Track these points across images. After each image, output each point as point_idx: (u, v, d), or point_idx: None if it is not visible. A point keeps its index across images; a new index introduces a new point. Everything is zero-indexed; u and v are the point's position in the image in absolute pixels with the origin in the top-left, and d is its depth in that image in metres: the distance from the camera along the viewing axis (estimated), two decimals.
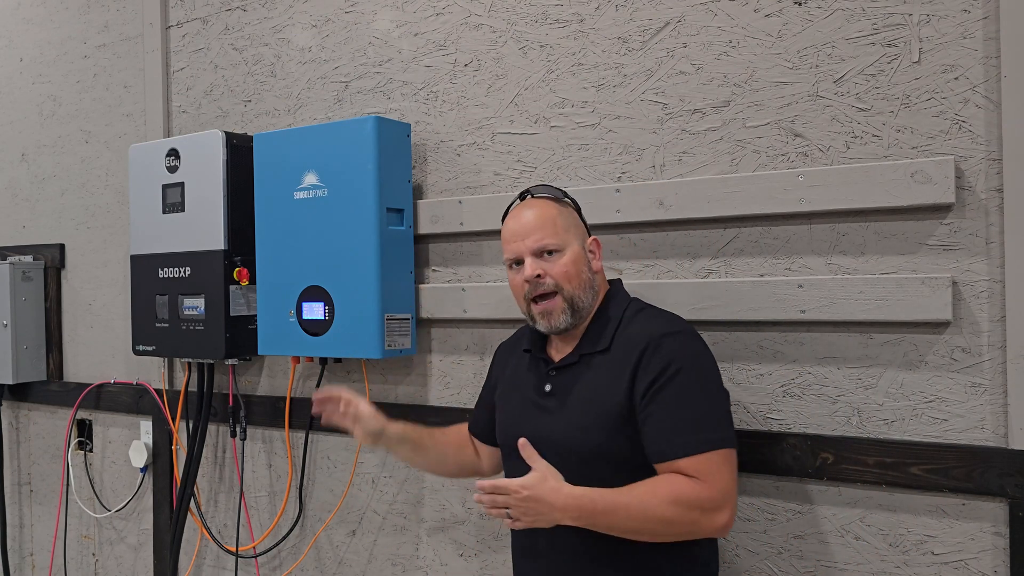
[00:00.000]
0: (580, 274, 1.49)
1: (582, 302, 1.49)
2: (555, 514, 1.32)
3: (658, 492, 1.34)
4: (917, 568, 1.55)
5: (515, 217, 1.55)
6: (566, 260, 1.48)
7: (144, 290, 2.39)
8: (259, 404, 2.39)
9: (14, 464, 3.08)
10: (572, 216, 1.55)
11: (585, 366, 1.49)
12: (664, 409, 1.38)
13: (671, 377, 1.39)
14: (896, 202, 1.53)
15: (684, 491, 1.34)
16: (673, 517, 1.33)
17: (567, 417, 1.47)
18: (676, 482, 1.35)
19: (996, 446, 1.49)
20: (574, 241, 1.51)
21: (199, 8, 2.55)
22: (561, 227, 1.50)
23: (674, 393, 1.38)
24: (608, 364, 1.46)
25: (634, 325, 1.49)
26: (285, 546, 2.36)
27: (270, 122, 2.40)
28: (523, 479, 1.32)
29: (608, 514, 1.33)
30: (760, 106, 1.68)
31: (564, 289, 1.48)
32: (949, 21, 1.51)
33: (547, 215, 1.51)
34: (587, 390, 1.47)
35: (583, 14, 1.88)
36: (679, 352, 1.41)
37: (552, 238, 1.49)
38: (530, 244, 1.49)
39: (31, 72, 3.01)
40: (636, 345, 1.44)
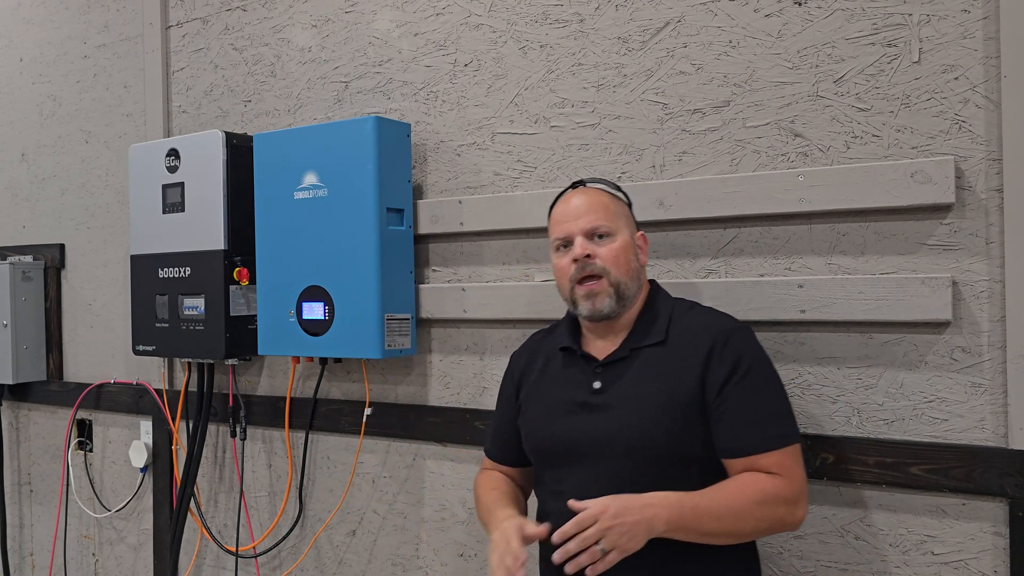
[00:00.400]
0: (629, 262, 1.47)
1: (627, 289, 1.46)
2: (653, 523, 1.26)
3: (745, 492, 1.32)
4: (917, 568, 1.55)
5: (566, 200, 1.52)
6: (616, 245, 1.46)
7: (144, 290, 2.39)
8: (259, 404, 2.39)
9: (14, 464, 3.08)
10: (623, 208, 1.54)
11: (637, 360, 1.44)
12: (741, 405, 1.36)
13: (745, 373, 1.38)
14: (896, 202, 1.53)
15: (769, 489, 1.33)
16: (761, 516, 1.32)
17: (629, 413, 1.40)
18: (760, 480, 1.34)
19: (996, 446, 1.49)
20: (624, 229, 1.49)
21: (199, 8, 2.55)
22: (613, 213, 1.49)
23: (750, 389, 1.37)
24: (667, 357, 1.42)
25: (689, 319, 1.47)
26: (285, 546, 2.36)
27: (270, 122, 2.40)
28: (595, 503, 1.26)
29: (699, 517, 1.29)
30: (760, 106, 1.68)
31: (611, 273, 1.44)
32: (949, 21, 1.51)
33: (600, 201, 1.49)
34: (648, 384, 1.41)
35: (583, 14, 1.88)
36: (748, 348, 1.41)
37: (605, 221, 1.47)
38: (582, 224, 1.46)
39: (31, 72, 3.01)
40: (701, 338, 1.41)
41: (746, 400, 1.37)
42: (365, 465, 2.22)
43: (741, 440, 1.36)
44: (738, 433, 1.36)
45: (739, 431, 1.36)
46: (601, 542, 1.24)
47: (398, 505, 2.17)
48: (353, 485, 2.24)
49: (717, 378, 1.38)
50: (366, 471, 2.22)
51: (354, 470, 2.23)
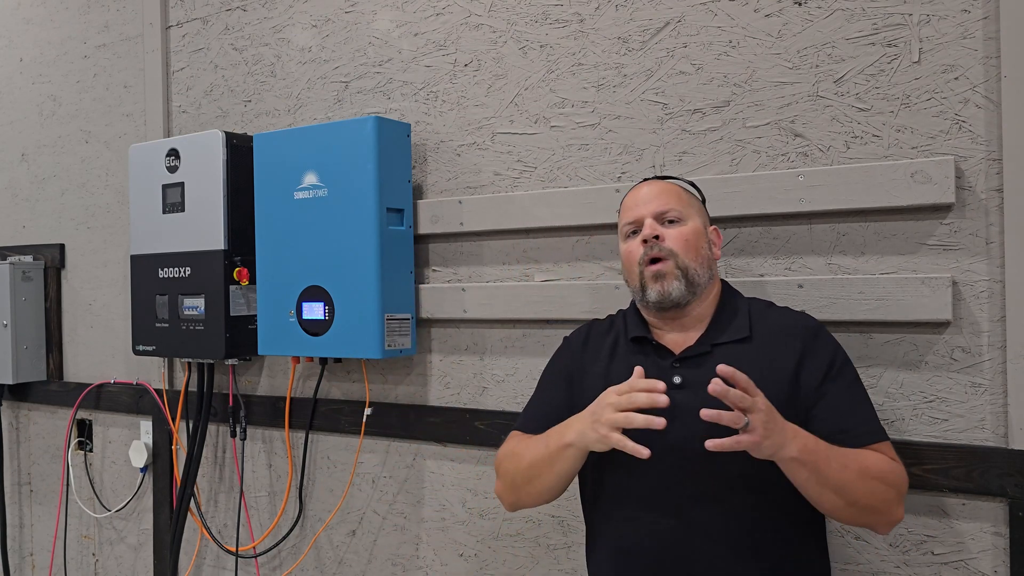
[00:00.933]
0: (699, 248, 1.42)
1: (697, 276, 1.40)
2: (789, 441, 1.20)
3: (867, 461, 1.28)
4: (917, 568, 1.55)
5: (637, 189, 1.50)
6: (687, 229, 1.42)
7: (144, 290, 2.39)
8: (259, 404, 2.40)
9: (14, 464, 3.08)
10: (695, 200, 1.51)
11: (719, 356, 1.37)
12: (846, 398, 1.34)
13: (841, 367, 1.36)
14: (896, 202, 1.53)
15: (889, 466, 1.30)
16: (876, 488, 1.27)
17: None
18: (883, 458, 1.31)
19: (996, 446, 1.49)
20: (696, 217, 1.45)
21: (199, 8, 2.55)
22: (686, 201, 1.46)
23: (849, 383, 1.36)
24: (754, 355, 1.37)
25: (772, 317, 1.43)
26: (285, 546, 2.36)
27: (270, 122, 2.40)
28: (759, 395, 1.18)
29: (828, 460, 1.23)
30: (760, 106, 1.68)
31: (679, 256, 1.39)
32: (949, 21, 1.51)
33: (671, 188, 1.47)
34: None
35: (583, 14, 1.88)
36: (837, 345, 1.40)
37: (676, 205, 1.43)
38: (653, 207, 1.43)
39: (31, 72, 3.01)
40: (790, 336, 1.38)
41: (850, 393, 1.35)
42: (365, 465, 2.22)
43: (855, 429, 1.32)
44: (849, 422, 1.32)
45: (848, 423, 1.32)
46: (750, 417, 1.17)
47: (398, 505, 2.17)
48: (353, 485, 2.24)
49: (814, 376, 1.34)
50: (366, 471, 2.22)
51: (354, 470, 2.23)
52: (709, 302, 1.45)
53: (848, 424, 1.32)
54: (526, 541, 1.97)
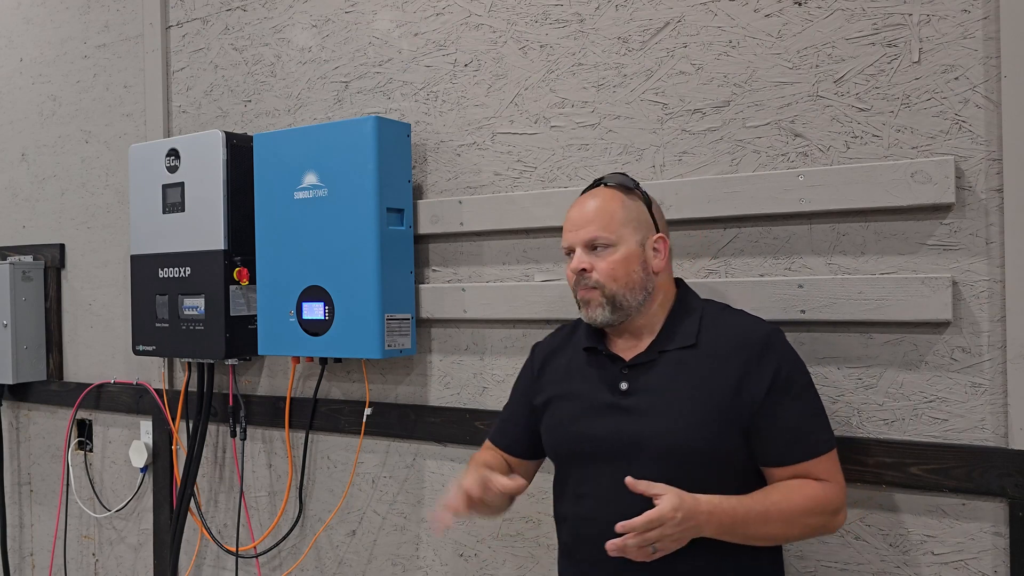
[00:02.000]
0: (628, 274, 1.43)
1: (625, 300, 1.43)
2: (703, 528, 1.27)
3: (795, 498, 1.34)
4: (917, 568, 1.55)
5: (577, 205, 1.50)
6: (616, 258, 1.43)
7: (144, 290, 2.39)
8: (259, 404, 2.39)
9: (14, 464, 3.08)
10: (637, 211, 1.47)
11: (666, 363, 1.42)
12: (785, 415, 1.36)
13: (785, 381, 1.38)
14: (896, 202, 1.53)
15: (819, 496, 1.35)
16: (808, 522, 1.35)
17: (662, 416, 1.38)
18: (810, 487, 1.35)
19: (996, 446, 1.49)
20: (631, 238, 1.44)
21: (199, 8, 2.55)
22: (619, 221, 1.44)
23: (795, 396, 1.38)
24: (699, 360, 1.41)
25: (722, 323, 1.45)
26: (285, 546, 2.36)
27: (270, 122, 2.40)
28: (669, 500, 1.24)
29: (747, 521, 1.30)
30: (760, 106, 1.68)
31: (605, 287, 1.43)
32: (949, 21, 1.51)
33: (608, 208, 1.45)
34: (679, 387, 1.39)
35: (583, 14, 1.88)
36: (787, 353, 1.41)
37: (604, 232, 1.44)
38: (582, 236, 1.45)
39: (31, 72, 3.01)
40: (737, 345, 1.40)
41: (790, 409, 1.37)
42: (365, 465, 2.22)
43: (788, 449, 1.37)
44: (783, 442, 1.37)
45: (784, 440, 1.37)
46: (656, 543, 1.25)
47: (398, 505, 2.17)
48: (353, 485, 2.24)
49: (758, 389, 1.37)
50: (366, 471, 2.22)
51: (354, 470, 2.23)
52: (656, 310, 1.48)
53: (788, 448, 1.37)
54: (526, 541, 1.97)
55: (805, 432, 1.37)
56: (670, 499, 1.24)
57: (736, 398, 1.37)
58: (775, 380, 1.37)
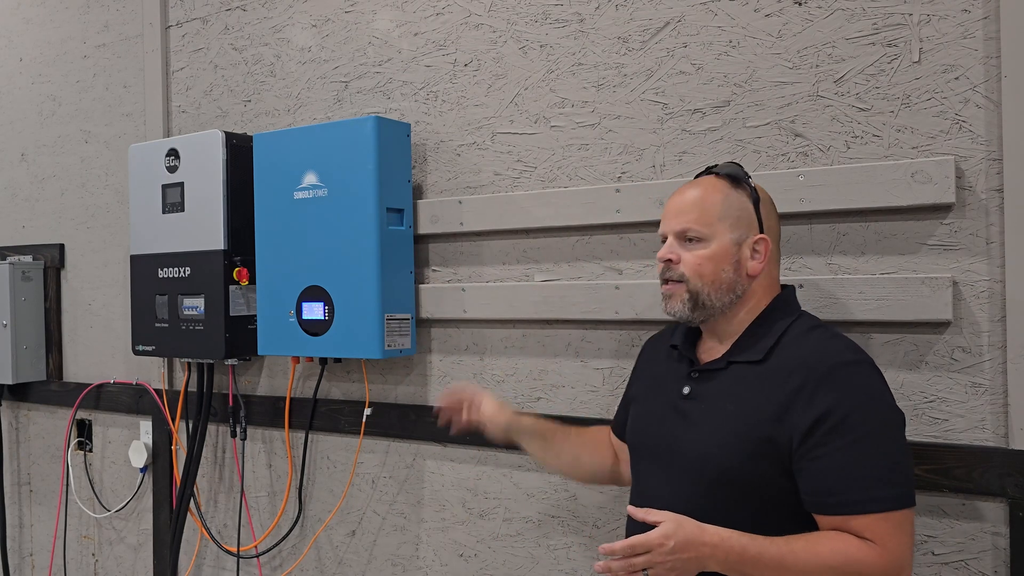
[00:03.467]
0: (716, 272, 1.35)
1: (709, 300, 1.35)
2: (706, 562, 1.18)
3: (820, 551, 1.19)
4: (917, 568, 1.55)
5: (680, 191, 1.42)
6: (705, 252, 1.35)
7: (144, 290, 2.39)
8: (259, 404, 2.39)
9: (14, 464, 3.08)
10: (739, 206, 1.37)
11: (733, 375, 1.34)
12: (837, 454, 1.20)
13: (845, 417, 1.21)
14: (896, 202, 1.53)
15: (853, 555, 1.18)
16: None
17: (704, 428, 1.33)
18: (845, 542, 1.19)
19: (996, 446, 1.49)
20: (726, 234, 1.35)
21: (199, 8, 2.55)
22: (716, 215, 1.35)
23: (851, 437, 1.21)
24: (760, 378, 1.30)
25: (802, 342, 1.32)
26: (285, 546, 2.36)
27: (270, 122, 2.40)
28: (661, 529, 1.17)
29: (759, 564, 1.18)
30: (760, 106, 1.68)
31: (690, 281, 1.36)
32: (949, 21, 1.51)
33: (708, 199, 1.37)
34: (731, 402, 1.32)
35: (583, 14, 1.88)
36: (858, 387, 1.24)
37: (698, 225, 1.36)
38: (674, 225, 1.39)
39: (31, 72, 3.01)
40: (800, 366, 1.27)
41: (846, 450, 1.21)
42: (365, 465, 2.22)
43: (832, 495, 1.21)
44: (824, 487, 1.22)
45: (829, 484, 1.21)
46: (648, 570, 1.18)
47: (398, 505, 2.17)
48: (353, 485, 2.24)
49: (801, 421, 1.23)
50: (366, 471, 2.22)
51: (354, 470, 2.23)
52: (743, 316, 1.39)
53: (826, 494, 1.22)
54: (526, 541, 1.97)
55: (860, 482, 1.20)
56: (665, 526, 1.18)
57: (776, 425, 1.25)
58: (826, 415, 1.21)
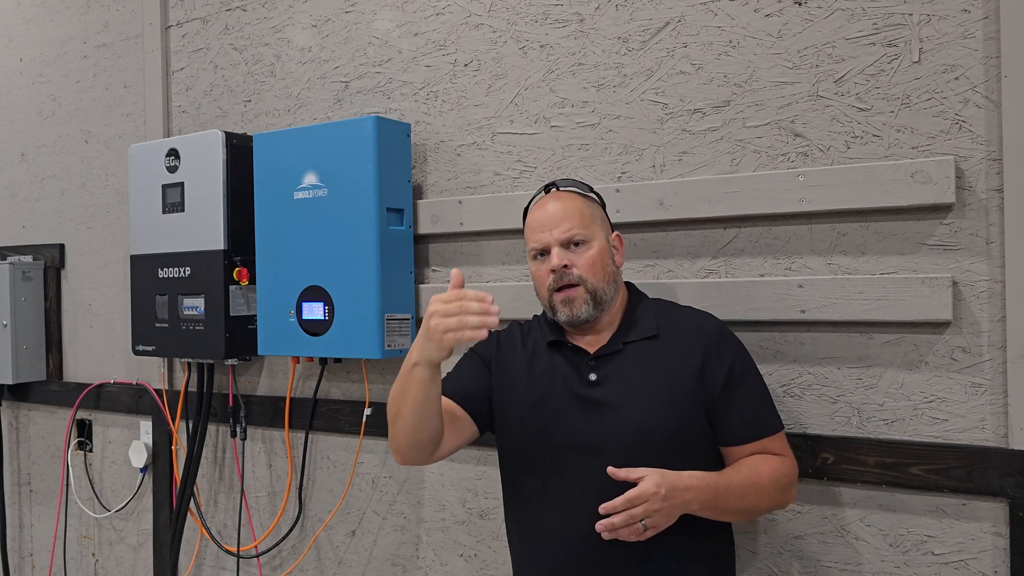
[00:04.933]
0: (605, 267, 1.49)
1: (604, 295, 1.48)
2: (690, 504, 1.33)
3: (762, 470, 1.43)
4: (917, 568, 1.55)
5: (541, 207, 1.53)
6: (592, 252, 1.48)
7: (144, 290, 2.39)
8: (259, 404, 2.39)
9: (14, 464, 3.08)
10: (598, 210, 1.55)
11: (630, 353, 1.48)
12: (746, 396, 1.46)
13: (744, 367, 1.47)
14: (896, 202, 1.53)
15: (782, 468, 1.45)
16: (774, 493, 1.44)
17: (638, 405, 1.43)
18: (771, 462, 1.45)
19: (996, 446, 1.49)
20: (600, 234, 1.51)
21: (199, 8, 2.55)
22: (588, 218, 1.50)
23: (751, 381, 1.47)
24: (662, 351, 1.48)
25: (677, 316, 1.53)
26: (285, 546, 2.36)
27: (270, 122, 2.40)
28: (651, 479, 1.29)
29: (727, 494, 1.38)
30: (760, 106, 1.68)
31: (588, 281, 1.47)
32: (949, 21, 1.51)
33: (574, 206, 1.50)
34: (651, 376, 1.45)
35: (583, 14, 1.88)
36: (738, 344, 1.50)
37: (580, 229, 1.48)
38: (557, 235, 1.48)
39: (31, 72, 3.01)
40: (695, 333, 1.48)
41: (747, 394, 1.46)
42: (365, 465, 2.22)
43: (748, 428, 1.46)
44: (744, 422, 1.46)
45: (745, 421, 1.46)
46: (645, 520, 1.28)
47: (398, 505, 2.17)
48: (353, 485, 2.24)
49: (718, 376, 1.45)
50: (366, 471, 2.22)
51: (354, 470, 2.23)
52: (616, 307, 1.54)
53: (750, 426, 1.46)
54: None
55: (761, 414, 1.47)
56: (652, 477, 1.29)
57: (699, 383, 1.45)
58: (732, 367, 1.46)
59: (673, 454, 1.40)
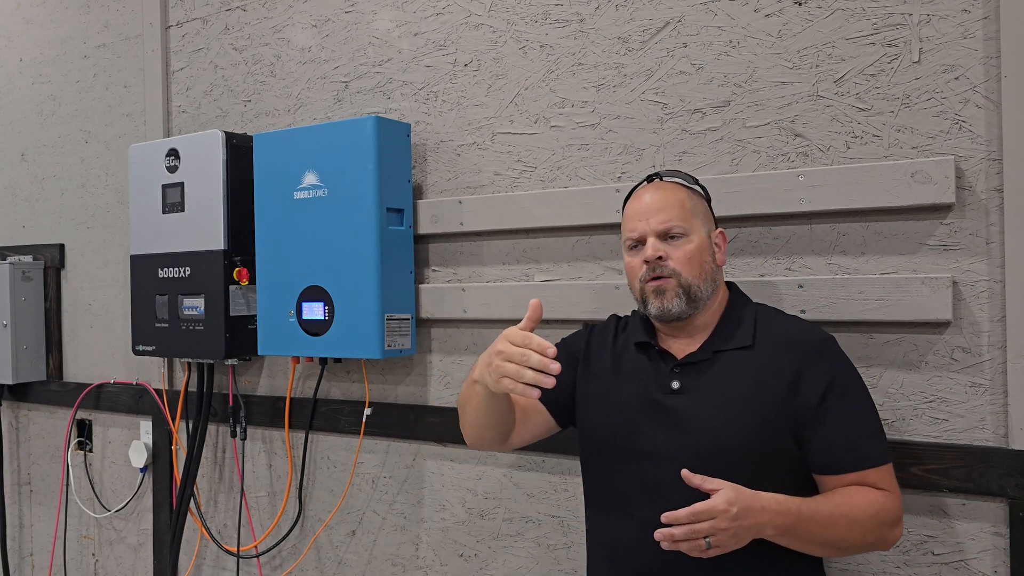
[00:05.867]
0: (703, 264, 1.41)
1: (699, 291, 1.40)
2: (764, 528, 1.22)
3: (857, 502, 1.29)
4: (917, 568, 1.55)
5: (640, 197, 1.45)
6: (690, 247, 1.40)
7: (144, 290, 2.39)
8: (259, 404, 2.39)
9: (14, 464, 3.08)
10: (701, 203, 1.47)
11: (720, 363, 1.39)
12: (845, 420, 1.33)
13: (846, 385, 1.34)
14: (896, 202, 1.53)
15: (880, 502, 1.30)
16: (870, 530, 1.30)
17: (715, 415, 1.35)
18: (870, 493, 1.31)
19: (996, 446, 1.49)
20: (701, 228, 1.42)
21: (199, 8, 2.55)
22: (689, 211, 1.42)
23: (853, 402, 1.34)
24: (755, 362, 1.37)
25: (777, 325, 1.42)
26: (285, 546, 2.36)
27: (270, 122, 2.40)
28: (723, 495, 1.19)
29: (811, 523, 1.25)
30: (760, 106, 1.68)
31: (682, 276, 1.39)
32: (949, 21, 1.51)
33: (676, 197, 1.43)
34: (735, 387, 1.36)
35: (583, 14, 1.88)
36: (843, 360, 1.38)
37: (679, 221, 1.40)
38: (654, 224, 1.40)
39: (31, 72, 3.01)
40: (792, 347, 1.37)
41: (847, 416, 1.33)
42: (365, 465, 2.22)
43: (844, 456, 1.33)
44: (840, 449, 1.33)
45: (841, 447, 1.33)
46: (709, 537, 1.19)
47: (398, 505, 2.17)
48: (353, 485, 2.24)
49: (813, 392, 1.33)
50: (366, 471, 2.22)
51: (354, 470, 2.23)
52: (714, 309, 1.45)
53: (843, 452, 1.33)
54: (526, 541, 1.97)
55: (862, 440, 1.33)
56: (725, 493, 1.19)
57: (789, 400, 1.33)
58: (831, 385, 1.33)
59: (749, 472, 1.29)
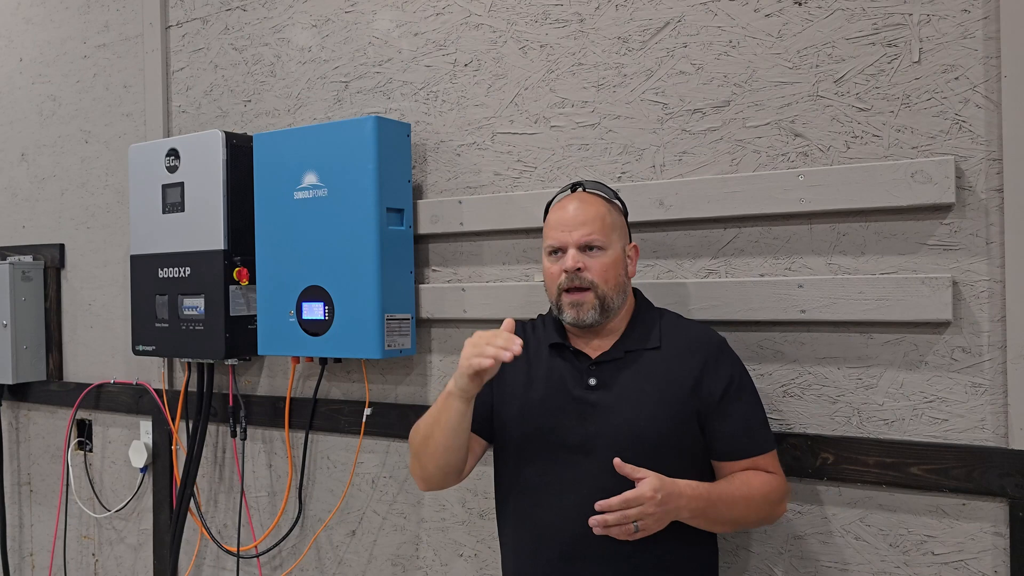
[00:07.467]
0: (617, 276, 1.52)
1: (612, 302, 1.51)
2: (681, 511, 1.36)
3: (753, 484, 1.46)
4: (917, 568, 1.55)
5: (564, 207, 1.54)
6: (607, 260, 1.50)
7: (144, 290, 2.39)
8: (259, 404, 2.39)
9: (14, 464, 3.08)
10: (620, 218, 1.57)
11: (632, 362, 1.51)
12: (742, 412, 1.49)
13: (741, 383, 1.50)
14: (896, 202, 1.53)
15: (772, 484, 1.48)
16: (763, 507, 1.47)
17: (631, 408, 1.47)
18: (761, 477, 1.47)
19: (996, 446, 1.49)
20: (617, 243, 1.53)
21: (199, 8, 2.55)
22: (609, 225, 1.52)
23: (748, 398, 1.50)
24: (663, 361, 1.51)
25: (680, 329, 1.56)
26: (285, 546, 2.36)
27: (270, 122, 2.40)
28: (649, 483, 1.31)
29: (717, 505, 1.41)
30: (760, 106, 1.68)
31: (599, 287, 1.49)
32: (949, 21, 1.51)
33: (598, 212, 1.52)
34: (647, 383, 1.49)
35: (583, 14, 1.88)
36: (737, 360, 1.54)
37: (599, 235, 1.50)
38: (576, 237, 1.50)
39: (31, 72, 3.01)
40: (695, 348, 1.51)
41: (743, 410, 1.49)
42: (365, 465, 2.22)
43: (742, 444, 1.49)
44: (738, 438, 1.49)
45: (739, 436, 1.49)
46: (638, 521, 1.32)
47: (398, 505, 2.17)
48: (353, 485, 2.24)
49: (715, 389, 1.48)
50: (366, 471, 2.22)
51: (354, 470, 2.23)
52: (623, 315, 1.56)
53: (740, 442, 1.49)
54: None
55: (756, 430, 1.50)
56: (651, 481, 1.32)
57: (695, 394, 1.48)
58: (730, 383, 1.49)
59: (663, 457, 1.43)
